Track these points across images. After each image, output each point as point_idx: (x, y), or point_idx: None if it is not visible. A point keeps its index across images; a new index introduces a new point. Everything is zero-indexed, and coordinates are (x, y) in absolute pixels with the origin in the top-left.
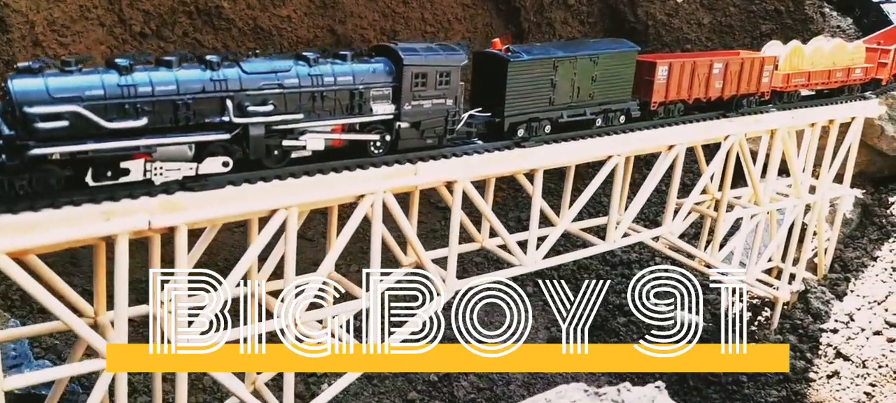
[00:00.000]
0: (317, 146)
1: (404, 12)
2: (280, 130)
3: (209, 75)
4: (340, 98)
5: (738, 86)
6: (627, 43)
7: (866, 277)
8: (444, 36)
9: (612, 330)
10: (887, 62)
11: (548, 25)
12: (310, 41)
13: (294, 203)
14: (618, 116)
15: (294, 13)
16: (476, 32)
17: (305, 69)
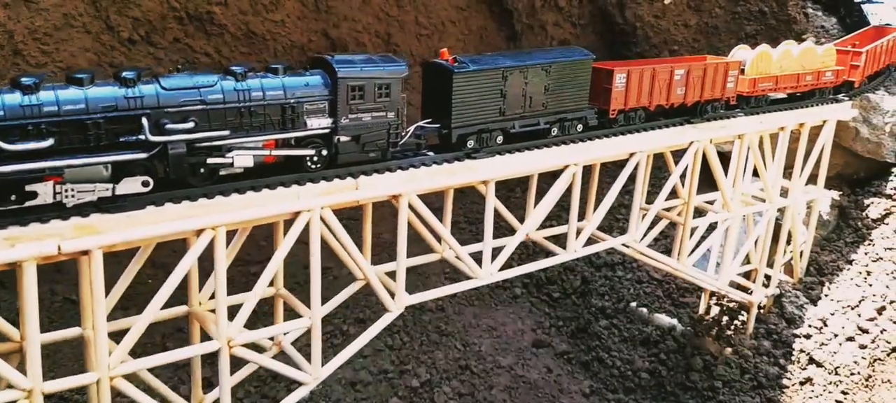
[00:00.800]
0: (245, 163)
1: (398, 15)
2: (204, 147)
3: (123, 93)
4: (271, 113)
5: (702, 92)
6: (582, 51)
7: (841, 281)
8: (438, 38)
9: (595, 333)
10: (859, 65)
11: (540, 27)
12: (304, 46)
13: (221, 222)
14: (575, 125)
15: (287, 18)
16: (470, 35)
17: (231, 84)
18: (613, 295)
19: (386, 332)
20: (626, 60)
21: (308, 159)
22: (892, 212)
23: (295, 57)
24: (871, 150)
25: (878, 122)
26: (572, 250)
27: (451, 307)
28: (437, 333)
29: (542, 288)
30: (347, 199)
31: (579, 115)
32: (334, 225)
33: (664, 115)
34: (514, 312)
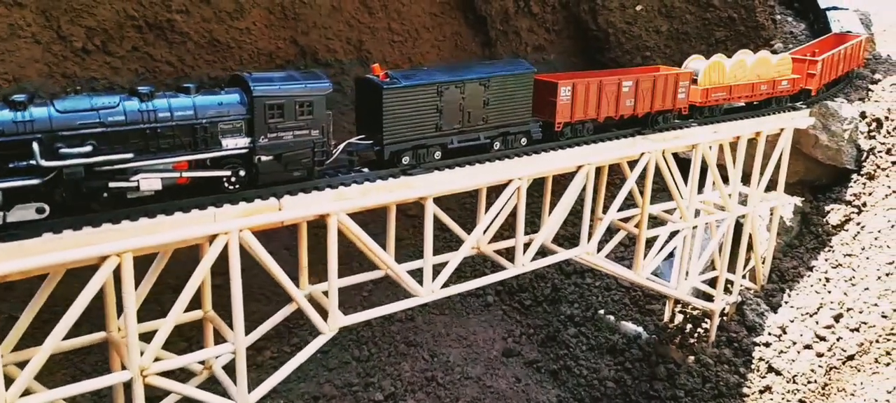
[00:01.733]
0: (153, 186)
1: (370, 23)
2: (106, 171)
3: (12, 117)
4: (180, 134)
5: (653, 103)
6: (523, 64)
7: (801, 287)
8: (412, 45)
9: (564, 341)
10: (816, 73)
11: (514, 34)
12: (272, 53)
13: (127, 248)
14: (518, 139)
15: (253, 25)
16: (445, 41)
17: (135, 105)
18: (582, 302)
19: (353, 344)
20: (573, 72)
21: (225, 180)
22: (852, 219)
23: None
24: (831, 157)
25: (837, 129)
26: (520, 264)
27: (422, 317)
28: (406, 344)
29: (515, 296)
30: (270, 220)
31: (523, 129)
32: (256, 247)
33: (617, 127)
34: (486, 320)
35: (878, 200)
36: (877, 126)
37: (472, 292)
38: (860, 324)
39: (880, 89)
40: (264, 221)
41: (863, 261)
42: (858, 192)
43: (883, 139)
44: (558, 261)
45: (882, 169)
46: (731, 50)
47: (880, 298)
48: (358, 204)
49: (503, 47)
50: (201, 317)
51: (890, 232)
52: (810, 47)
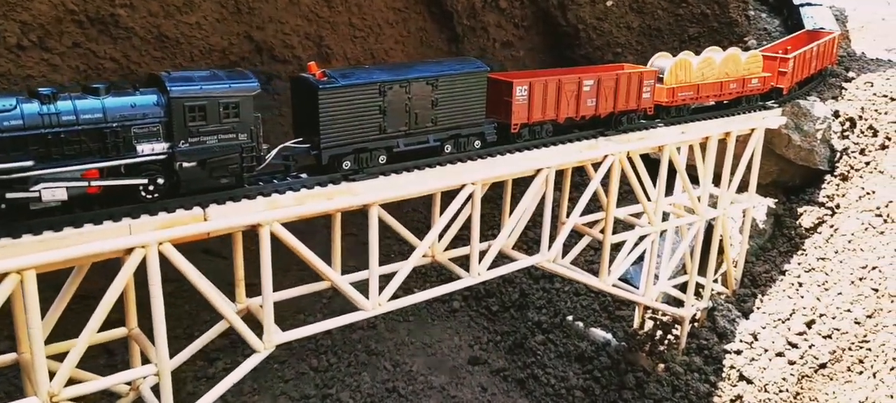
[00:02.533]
0: (57, 196)
1: (329, 17)
2: (2, 180)
3: None
4: (87, 139)
5: (616, 103)
6: (475, 62)
7: (774, 292)
8: (374, 41)
9: (531, 348)
10: (787, 71)
11: (482, 30)
12: (224, 50)
13: (29, 264)
14: (472, 141)
15: (204, 20)
16: (409, 37)
17: (35, 107)
18: (550, 308)
19: (311, 353)
20: (531, 71)
21: (142, 189)
22: (825, 221)
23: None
24: (803, 157)
25: (810, 129)
26: (476, 273)
27: (384, 324)
28: (367, 352)
29: (482, 302)
30: (193, 232)
31: (476, 131)
32: (179, 260)
33: (579, 128)
34: (452, 327)
35: (852, 202)
36: (850, 125)
37: (437, 298)
38: (833, 331)
39: (854, 88)
40: (187, 233)
41: (836, 265)
42: (831, 194)
43: (856, 139)
44: (520, 268)
45: (855, 169)
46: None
47: (853, 303)
48: (293, 212)
49: (470, 43)
50: (126, 335)
51: (863, 234)
52: (782, 44)
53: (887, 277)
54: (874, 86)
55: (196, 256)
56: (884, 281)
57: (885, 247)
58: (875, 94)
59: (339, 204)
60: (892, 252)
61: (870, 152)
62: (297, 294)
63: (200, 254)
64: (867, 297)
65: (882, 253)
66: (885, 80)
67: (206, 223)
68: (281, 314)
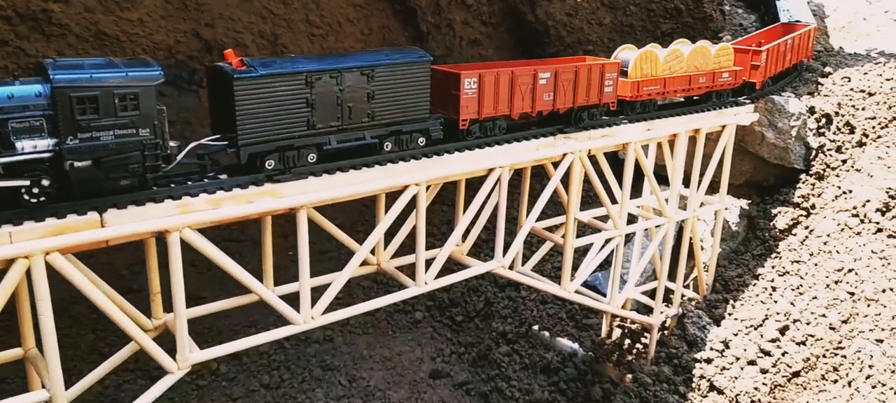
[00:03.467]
0: None
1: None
2: None
3: None
4: None
5: (575, 98)
6: (417, 52)
7: (746, 297)
8: (334, 39)
9: (495, 360)
10: (760, 65)
11: (447, 27)
12: (170, 47)
13: None
14: (415, 139)
15: (147, 16)
16: (371, 35)
17: None
18: (516, 317)
19: (263, 369)
20: (485, 62)
21: (24, 191)
22: (800, 222)
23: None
24: (778, 156)
25: (784, 126)
26: (422, 282)
27: (342, 336)
28: (322, 367)
29: (445, 311)
30: (88, 239)
31: (420, 127)
32: (70, 272)
33: (537, 125)
34: (414, 339)
35: (828, 202)
36: (826, 122)
37: (398, 308)
38: (807, 337)
39: (830, 83)
40: (80, 241)
41: (811, 268)
42: (807, 193)
43: (833, 136)
44: (478, 275)
45: (832, 168)
46: None
47: (828, 308)
48: (207, 217)
49: (436, 42)
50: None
51: (840, 236)
52: (755, 37)
53: (863, 280)
54: (851, 82)
55: None
56: (860, 284)
57: (861, 249)
58: (852, 90)
59: (260, 208)
60: (868, 253)
61: (846, 150)
62: (218, 308)
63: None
64: (843, 301)
65: (858, 255)
66: (863, 75)
67: (104, 229)
68: (232, 328)
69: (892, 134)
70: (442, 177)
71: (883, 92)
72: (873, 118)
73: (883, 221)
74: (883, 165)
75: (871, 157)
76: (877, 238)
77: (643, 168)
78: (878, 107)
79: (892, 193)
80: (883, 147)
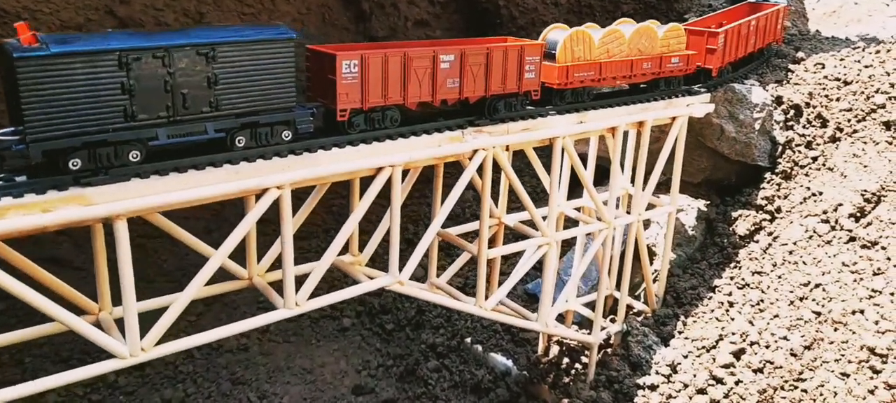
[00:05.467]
0: None
1: None
2: None
3: None
4: None
5: (489, 85)
6: (277, 27)
7: (700, 313)
8: (267, 19)
9: (422, 376)
10: (716, 48)
11: (392, 7)
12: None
13: None
14: (278, 132)
15: None
16: (309, 15)
17: None
18: (449, 327)
19: (167, 381)
20: (372, 42)
21: None
22: (763, 227)
23: None
24: (739, 152)
25: (746, 118)
26: (292, 303)
27: (259, 345)
28: (232, 381)
29: (376, 318)
30: None
31: (283, 118)
32: None
33: (445, 115)
34: (340, 349)
35: (795, 205)
36: (795, 114)
37: (326, 313)
38: (764, 364)
39: (802, 70)
40: None
41: (773, 281)
42: (771, 195)
43: (802, 130)
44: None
45: (800, 166)
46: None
47: (790, 330)
48: None
49: (379, 23)
50: None
51: (807, 244)
52: (716, 17)
53: (832, 297)
54: (825, 69)
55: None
56: (827, 302)
57: (831, 260)
58: (826, 77)
59: (61, 218)
60: (839, 266)
61: (817, 146)
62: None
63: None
64: (807, 322)
65: (827, 268)
66: (839, 61)
67: None
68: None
69: (870, 128)
70: (311, 177)
71: (860, 80)
72: (849, 110)
73: (856, 229)
74: (858, 164)
75: (845, 154)
76: (849, 248)
77: (575, 166)
78: (855, 98)
79: (868, 196)
80: (859, 143)
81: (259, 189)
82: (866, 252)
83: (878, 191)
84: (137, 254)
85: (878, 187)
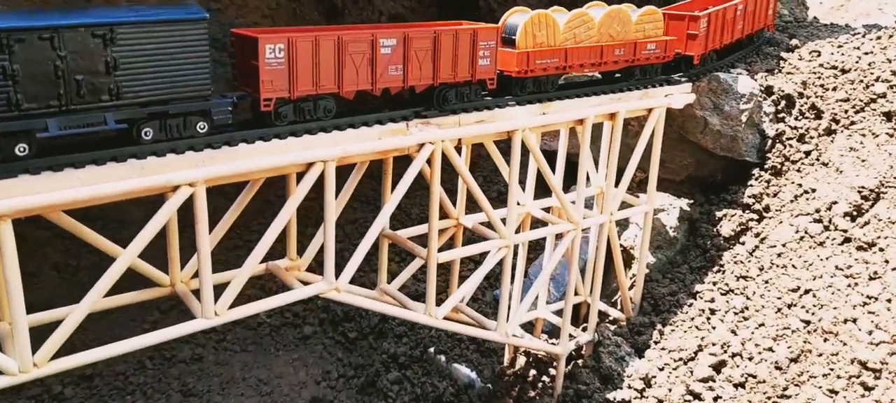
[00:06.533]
0: None
1: None
2: None
3: None
4: None
5: (437, 73)
6: (187, 7)
7: (679, 321)
8: (234, 13)
9: (382, 390)
10: (697, 34)
11: (366, 1)
12: None
13: None
14: (191, 123)
15: None
16: (278, 9)
17: None
18: (412, 336)
19: (116, 393)
20: (301, 27)
21: None
22: (749, 228)
23: None
24: (725, 146)
25: (732, 110)
26: (210, 313)
27: (215, 355)
28: (183, 392)
29: (339, 326)
30: None
31: (197, 108)
32: None
33: (393, 104)
34: (300, 358)
35: (786, 203)
36: (787, 105)
37: (287, 320)
38: (746, 378)
39: (796, 58)
40: None
41: (759, 287)
42: (759, 193)
43: (794, 122)
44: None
45: (792, 161)
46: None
47: (777, 340)
48: None
49: (353, 16)
50: None
51: (798, 245)
52: (701, 1)
53: (823, 305)
54: (821, 57)
55: None
56: (818, 309)
57: (823, 264)
58: (822, 66)
59: None
60: (832, 270)
61: (811, 139)
62: None
63: None
64: (795, 332)
65: (819, 272)
66: (836, 49)
67: None
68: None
69: (869, 119)
70: (228, 174)
71: (859, 68)
72: (846, 100)
73: (852, 229)
74: (855, 158)
75: (841, 148)
76: (843, 250)
77: (538, 161)
78: (853, 87)
79: (866, 193)
80: (857, 135)
81: (167, 186)
82: (862, 254)
83: (876, 187)
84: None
85: (876, 183)
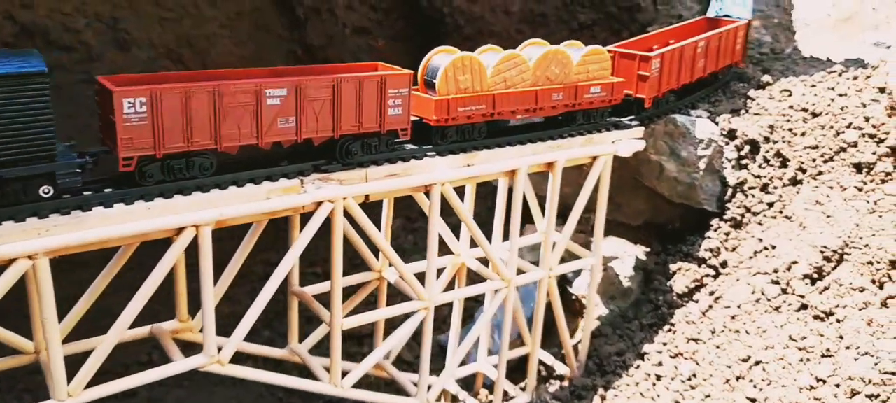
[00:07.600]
0: None
1: None
2: None
3: None
4: None
5: (338, 124)
6: (27, 59)
7: (623, 385)
8: (191, 24)
9: None
10: (649, 74)
11: (329, 12)
12: None
13: None
14: (33, 187)
15: None
16: (239, 20)
17: None
18: None
19: None
20: (164, 73)
21: None
22: (705, 285)
23: None
24: (682, 194)
25: (689, 155)
26: (64, 393)
27: (148, 390)
28: None
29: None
30: None
31: (37, 171)
32: None
33: (293, 157)
34: (236, 397)
35: (744, 259)
36: (751, 151)
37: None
38: None
39: (766, 97)
40: None
41: (710, 352)
42: (717, 247)
43: (758, 170)
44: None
45: (753, 213)
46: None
47: None
48: None
49: (316, 30)
50: None
51: (753, 308)
52: (662, 35)
53: (771, 381)
54: (792, 96)
55: None
56: (766, 386)
57: (777, 332)
58: (792, 108)
59: None
60: (785, 340)
61: (775, 189)
62: None
63: None
64: None
65: (772, 340)
66: (809, 88)
67: None
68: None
69: (838, 170)
70: (74, 244)
71: (831, 112)
72: (815, 147)
73: (810, 295)
74: (820, 213)
75: (806, 201)
76: (799, 318)
77: (459, 213)
78: (823, 134)
79: (828, 254)
80: (824, 188)
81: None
82: (818, 325)
83: (840, 247)
84: None
85: (840, 244)
